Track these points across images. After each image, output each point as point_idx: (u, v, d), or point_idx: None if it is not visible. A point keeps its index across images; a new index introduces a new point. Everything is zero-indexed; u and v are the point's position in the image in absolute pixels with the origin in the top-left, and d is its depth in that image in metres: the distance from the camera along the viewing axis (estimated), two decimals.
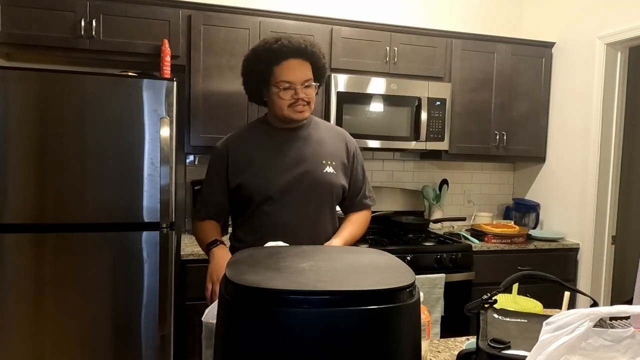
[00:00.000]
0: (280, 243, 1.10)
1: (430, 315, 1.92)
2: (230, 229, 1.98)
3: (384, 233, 2.97)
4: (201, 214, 1.70)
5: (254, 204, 1.60)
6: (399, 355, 0.65)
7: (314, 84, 1.59)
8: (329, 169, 1.64)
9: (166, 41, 2.51)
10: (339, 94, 2.78)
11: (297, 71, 1.54)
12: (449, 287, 2.66)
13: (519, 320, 0.90)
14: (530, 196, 3.47)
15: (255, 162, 1.61)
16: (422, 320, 1.02)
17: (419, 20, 3.30)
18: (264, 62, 1.55)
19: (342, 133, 1.77)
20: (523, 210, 3.36)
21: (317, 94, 1.63)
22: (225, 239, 1.70)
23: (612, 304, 2.85)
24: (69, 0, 2.44)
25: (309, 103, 1.58)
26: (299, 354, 0.61)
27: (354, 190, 1.74)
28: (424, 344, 1.06)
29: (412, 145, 2.93)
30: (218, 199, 1.67)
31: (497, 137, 3.18)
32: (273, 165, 1.60)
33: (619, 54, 2.92)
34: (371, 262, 0.77)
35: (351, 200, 1.75)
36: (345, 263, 0.75)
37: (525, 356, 0.72)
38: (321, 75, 1.63)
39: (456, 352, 1.19)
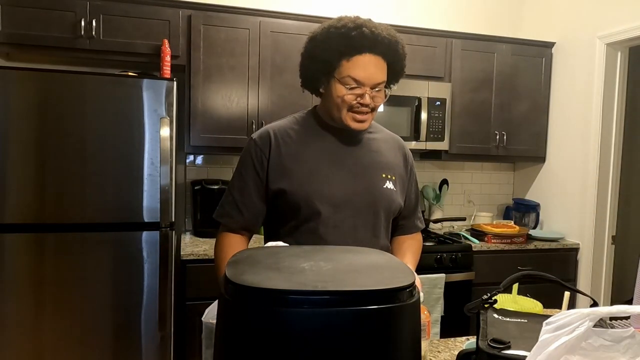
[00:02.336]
0: (280, 243, 1.10)
1: (430, 315, 1.92)
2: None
3: None
4: (234, 222, 1.33)
5: (298, 219, 1.29)
6: (399, 355, 0.65)
7: (385, 89, 1.32)
8: (389, 185, 1.36)
9: (166, 41, 2.51)
10: None
11: (370, 70, 1.25)
12: (449, 287, 2.66)
13: (519, 320, 0.90)
14: (530, 196, 3.47)
15: (305, 165, 1.30)
16: (422, 320, 1.02)
17: (419, 20, 3.30)
18: (334, 49, 1.25)
19: (400, 141, 1.52)
20: (523, 210, 3.36)
21: (386, 98, 1.35)
22: None
23: (612, 304, 2.85)
24: (69, 0, 2.44)
25: (372, 110, 1.30)
26: (299, 354, 0.61)
27: (408, 209, 1.46)
28: (424, 344, 1.06)
29: (412, 145, 2.93)
30: (256, 204, 1.33)
31: (497, 137, 3.18)
32: (328, 174, 1.30)
33: (619, 54, 2.92)
34: (371, 262, 0.77)
35: (403, 220, 1.47)
36: (345, 263, 0.75)
37: (525, 356, 0.72)
38: (395, 79, 1.35)
39: (456, 352, 1.19)
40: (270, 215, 1.36)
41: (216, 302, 0.76)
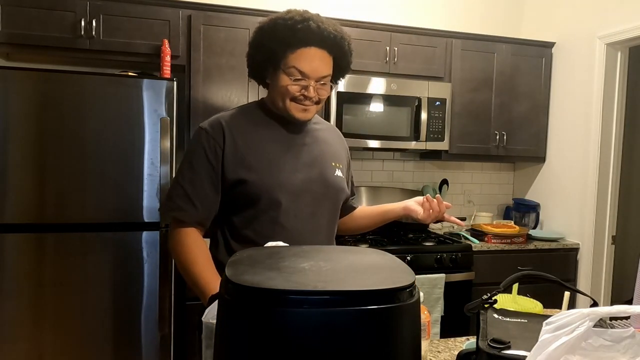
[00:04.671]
0: (280, 243, 1.10)
1: (430, 315, 1.92)
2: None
3: (384, 233, 2.96)
4: (187, 215, 1.27)
5: (256, 208, 1.28)
6: (399, 355, 0.65)
7: (330, 83, 1.32)
8: (339, 173, 1.41)
9: (166, 41, 2.51)
10: (339, 93, 2.78)
11: (315, 63, 1.25)
12: (449, 287, 2.66)
13: (519, 320, 0.90)
14: (530, 196, 3.47)
15: (263, 155, 1.30)
16: (422, 320, 1.02)
17: (419, 20, 3.30)
18: (280, 40, 1.25)
19: (337, 130, 1.56)
20: (523, 210, 3.36)
21: (331, 91, 1.37)
22: None
23: (612, 304, 2.85)
24: (69, 0, 2.44)
25: (317, 103, 1.31)
26: (299, 354, 0.61)
27: (350, 193, 1.55)
28: (424, 344, 1.06)
29: (412, 145, 2.93)
30: (209, 195, 1.29)
31: (497, 137, 3.18)
32: (285, 163, 1.31)
33: (619, 54, 2.92)
34: (371, 262, 0.77)
35: (347, 204, 1.54)
36: (345, 263, 0.75)
37: (525, 356, 0.72)
38: (341, 74, 1.37)
39: (456, 352, 1.19)
40: (223, 206, 1.32)
41: (216, 302, 0.76)
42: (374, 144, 2.86)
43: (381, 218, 1.55)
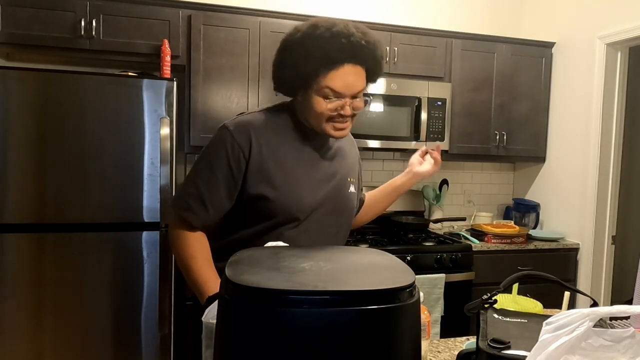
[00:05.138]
0: (280, 243, 1.10)
1: (430, 315, 1.92)
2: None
3: (384, 233, 2.97)
4: (197, 219, 1.23)
5: (270, 222, 1.25)
6: (399, 355, 0.65)
7: (365, 98, 1.26)
8: (352, 188, 1.38)
9: (166, 41, 2.51)
10: None
11: (349, 80, 1.19)
12: (449, 287, 2.66)
13: (519, 320, 0.90)
14: (530, 196, 3.47)
15: (285, 170, 1.25)
16: (422, 320, 1.02)
17: (419, 20, 3.30)
18: (312, 60, 1.17)
19: (352, 138, 1.49)
20: (523, 210, 3.36)
21: (366, 106, 1.29)
22: None
23: (612, 304, 2.85)
24: (69, 0, 2.44)
25: (352, 117, 1.25)
26: (299, 354, 0.61)
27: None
28: (424, 344, 1.06)
29: (412, 145, 2.93)
30: (223, 203, 1.24)
31: (497, 137, 3.18)
32: (306, 180, 1.28)
33: (619, 54, 2.92)
34: (371, 262, 0.77)
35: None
36: (345, 263, 0.75)
37: (525, 356, 0.72)
38: (373, 81, 1.29)
39: (456, 352, 1.19)
40: (233, 215, 1.27)
41: (216, 302, 0.76)
42: (374, 144, 2.86)
43: (396, 194, 1.55)
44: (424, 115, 2.94)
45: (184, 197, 1.25)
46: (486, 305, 0.93)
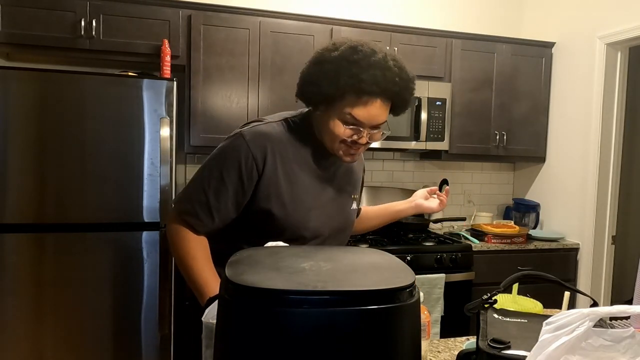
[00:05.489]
0: (280, 243, 1.09)
1: (430, 315, 1.92)
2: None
3: (384, 233, 2.96)
4: (202, 225, 1.21)
5: (276, 240, 1.20)
6: (399, 355, 0.65)
7: (383, 131, 1.24)
8: (354, 205, 1.39)
9: (166, 41, 2.51)
10: None
11: (373, 113, 1.17)
12: (449, 287, 2.66)
13: (519, 320, 0.90)
14: (530, 196, 3.47)
15: (298, 190, 1.24)
16: (422, 320, 1.02)
17: (419, 20, 3.30)
18: (341, 84, 1.14)
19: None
20: (523, 210, 3.36)
21: (382, 138, 1.27)
22: None
23: (612, 304, 2.85)
24: (69, 0, 2.44)
25: (365, 145, 1.24)
26: (299, 354, 0.61)
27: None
28: (424, 344, 1.06)
29: (412, 145, 2.93)
30: (230, 213, 1.22)
31: (497, 137, 3.18)
32: (316, 199, 1.27)
33: (619, 54, 2.92)
34: (371, 262, 0.77)
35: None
36: (345, 263, 0.75)
37: (525, 356, 0.72)
38: (395, 115, 1.28)
39: (456, 352, 1.19)
40: (238, 225, 1.25)
41: (216, 302, 0.76)
42: (374, 144, 2.84)
43: (391, 218, 1.56)
44: (424, 115, 2.94)
45: (191, 202, 1.22)
46: (486, 305, 0.93)
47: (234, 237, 1.26)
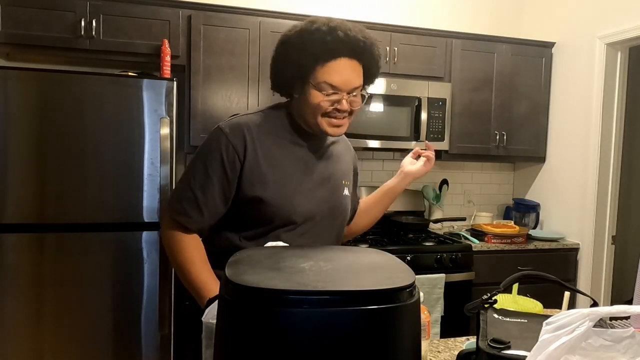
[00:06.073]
0: (280, 243, 1.10)
1: (430, 315, 1.92)
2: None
3: (384, 233, 2.96)
4: (193, 222, 1.22)
5: (266, 226, 1.24)
6: (399, 355, 0.65)
7: (362, 92, 1.27)
8: (346, 192, 1.38)
9: (166, 41, 2.51)
10: None
11: (346, 75, 1.20)
12: (449, 287, 2.66)
13: (519, 320, 0.90)
14: (530, 196, 3.47)
15: (281, 172, 1.25)
16: (422, 320, 1.02)
17: (419, 20, 3.30)
18: (308, 54, 1.18)
19: (347, 141, 1.49)
20: (523, 210, 3.36)
21: (364, 102, 1.29)
22: None
23: (612, 304, 2.85)
24: (69, 0, 2.44)
25: (349, 115, 1.25)
26: (299, 354, 0.61)
27: (354, 204, 1.51)
28: (424, 344, 1.06)
29: (412, 145, 2.93)
30: (218, 206, 1.23)
31: (497, 137, 3.18)
32: (301, 182, 1.28)
33: (619, 54, 2.92)
34: (371, 262, 0.77)
35: (352, 213, 1.52)
36: (345, 263, 0.75)
37: (525, 356, 0.72)
38: (371, 81, 1.29)
39: (456, 352, 1.19)
40: (230, 220, 1.26)
41: (216, 302, 0.76)
42: (374, 144, 2.86)
43: (389, 198, 1.53)
44: (424, 115, 2.94)
45: (180, 201, 1.24)
46: (486, 305, 0.93)
47: (229, 234, 1.27)
